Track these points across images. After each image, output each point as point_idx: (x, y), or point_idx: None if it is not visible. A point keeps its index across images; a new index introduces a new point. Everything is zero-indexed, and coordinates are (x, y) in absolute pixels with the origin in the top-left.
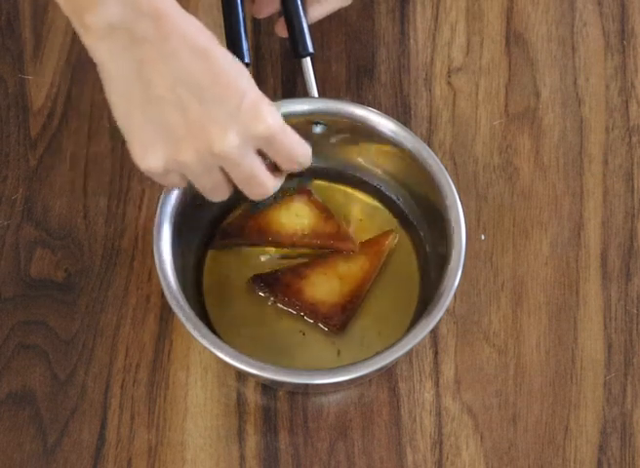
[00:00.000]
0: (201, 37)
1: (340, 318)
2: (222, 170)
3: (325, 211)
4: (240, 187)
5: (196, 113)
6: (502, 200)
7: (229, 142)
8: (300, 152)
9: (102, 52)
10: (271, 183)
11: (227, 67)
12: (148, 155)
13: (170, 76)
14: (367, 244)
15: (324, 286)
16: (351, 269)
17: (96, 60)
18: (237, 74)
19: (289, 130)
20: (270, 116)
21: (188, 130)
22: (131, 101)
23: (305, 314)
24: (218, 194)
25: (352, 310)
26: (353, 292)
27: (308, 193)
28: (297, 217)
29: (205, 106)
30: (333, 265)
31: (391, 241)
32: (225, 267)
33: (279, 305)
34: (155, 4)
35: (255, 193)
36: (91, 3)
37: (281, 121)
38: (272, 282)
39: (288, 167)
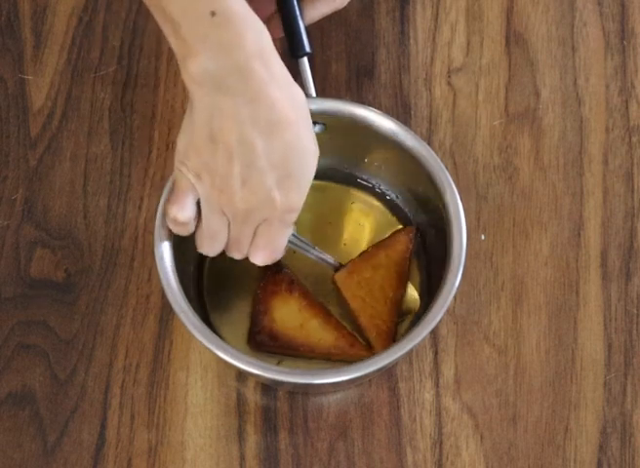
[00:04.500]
0: (283, 108)
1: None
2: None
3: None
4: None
5: (238, 171)
6: (502, 200)
7: (249, 205)
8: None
9: (193, 92)
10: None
11: (294, 147)
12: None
13: (234, 135)
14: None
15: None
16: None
17: (189, 98)
18: (302, 156)
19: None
20: (297, 198)
21: (221, 182)
22: (192, 140)
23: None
24: (212, 245)
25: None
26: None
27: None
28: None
29: (247, 171)
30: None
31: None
32: (226, 267)
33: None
34: (252, 64)
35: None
36: (194, 52)
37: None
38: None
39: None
